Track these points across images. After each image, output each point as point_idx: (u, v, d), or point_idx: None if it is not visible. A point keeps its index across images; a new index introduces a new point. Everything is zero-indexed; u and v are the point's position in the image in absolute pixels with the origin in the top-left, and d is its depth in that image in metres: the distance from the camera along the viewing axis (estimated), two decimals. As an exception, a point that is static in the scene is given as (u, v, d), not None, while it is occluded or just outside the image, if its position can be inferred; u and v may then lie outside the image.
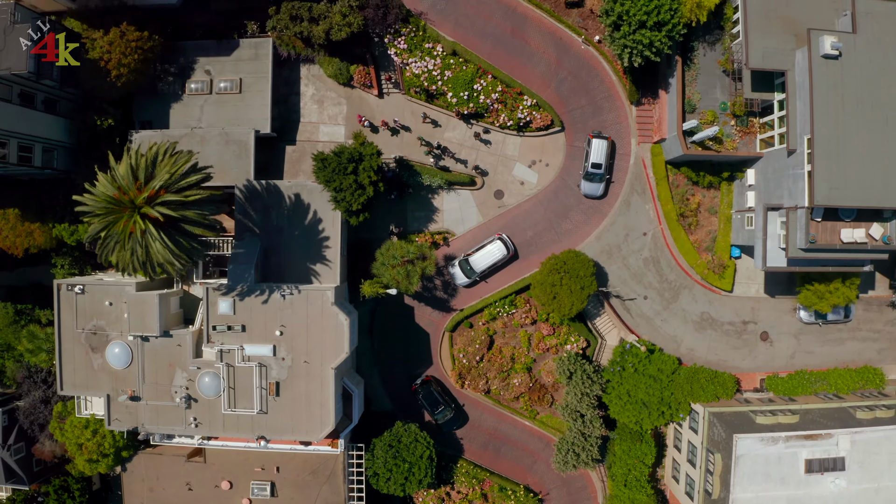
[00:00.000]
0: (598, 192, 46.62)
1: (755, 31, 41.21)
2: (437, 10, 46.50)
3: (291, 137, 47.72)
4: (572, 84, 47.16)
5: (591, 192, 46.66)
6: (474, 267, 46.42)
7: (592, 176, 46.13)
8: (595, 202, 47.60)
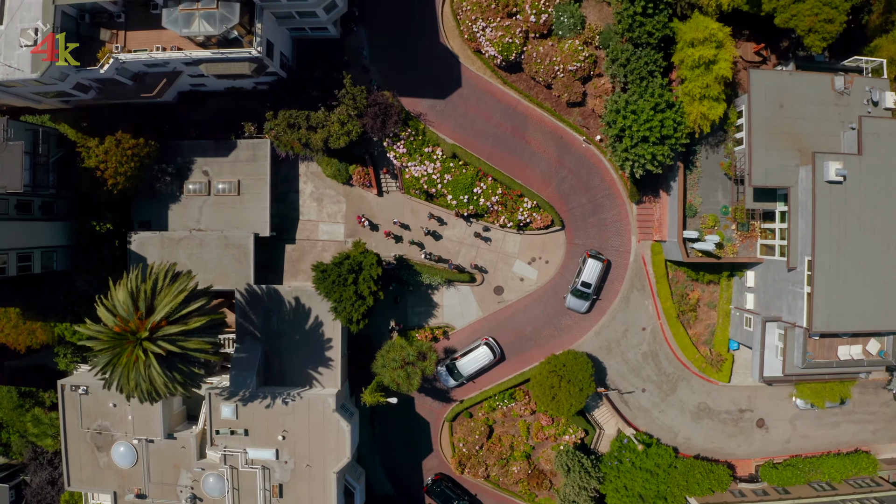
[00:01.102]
0: (582, 308, 46.79)
1: (759, 148, 40.80)
2: (436, 110, 45.87)
3: (291, 236, 47.54)
4: (573, 182, 46.81)
5: (576, 307, 46.83)
6: (461, 371, 46.88)
7: (580, 293, 46.18)
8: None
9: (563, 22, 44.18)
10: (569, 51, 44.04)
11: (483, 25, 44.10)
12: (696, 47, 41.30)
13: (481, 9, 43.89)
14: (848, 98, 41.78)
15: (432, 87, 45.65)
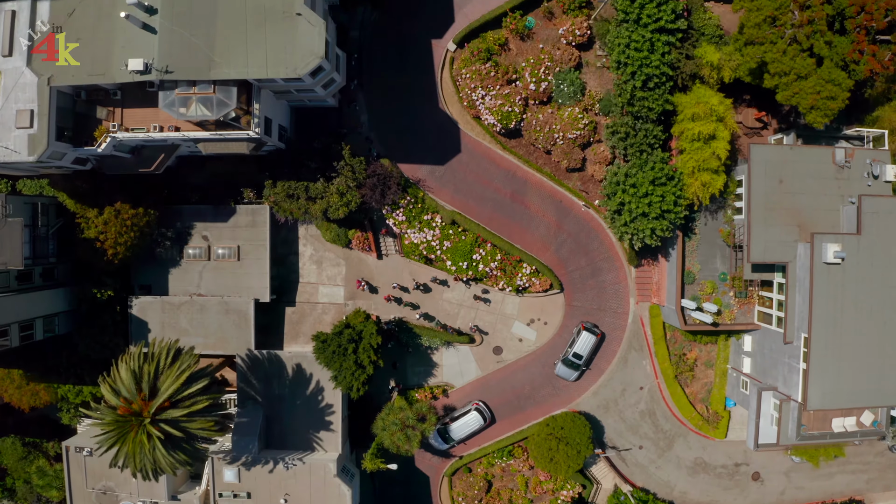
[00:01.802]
0: (571, 377, 47.14)
1: (758, 224, 40.79)
2: (435, 176, 45.74)
3: (291, 298, 47.71)
4: (572, 246, 46.85)
5: (565, 376, 47.18)
6: (452, 435, 47.43)
7: (571, 363, 46.46)
8: (595, 361, 48.05)
9: (562, 90, 43.83)
10: (568, 119, 43.78)
11: (482, 94, 43.76)
12: (696, 122, 41.13)
13: (480, 77, 43.51)
14: (848, 171, 41.65)
15: (431, 154, 45.49)
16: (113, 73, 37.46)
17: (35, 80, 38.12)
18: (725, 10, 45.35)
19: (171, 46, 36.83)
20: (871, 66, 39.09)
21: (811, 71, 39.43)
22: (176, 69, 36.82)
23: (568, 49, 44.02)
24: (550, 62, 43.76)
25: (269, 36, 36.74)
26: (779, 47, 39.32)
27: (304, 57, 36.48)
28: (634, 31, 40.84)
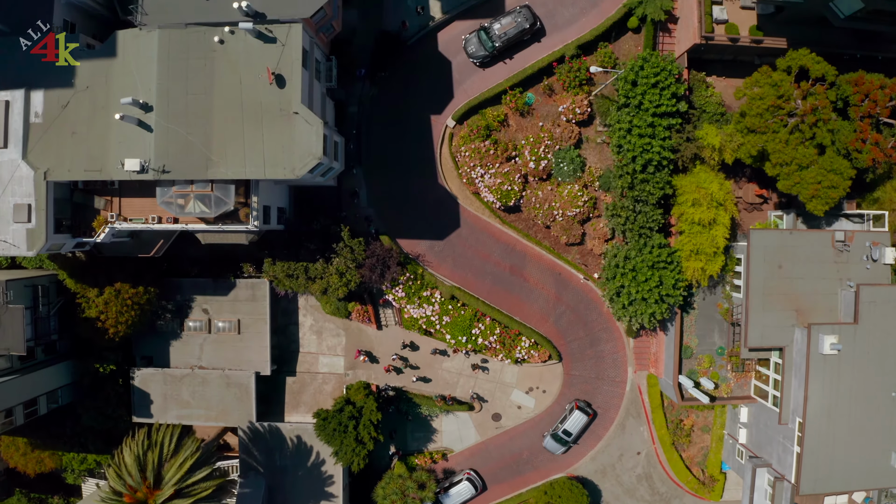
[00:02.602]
0: (558, 451, 47.60)
1: (756, 311, 40.94)
2: (434, 251, 45.72)
3: (291, 368, 48.06)
4: (571, 317, 47.05)
5: (552, 449, 47.63)
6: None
7: (559, 439, 46.87)
8: (592, 426, 48.54)
9: (562, 168, 43.59)
10: (568, 196, 43.61)
11: (481, 172, 43.54)
12: (695, 207, 41.03)
13: (479, 155, 43.22)
14: (848, 254, 41.68)
15: (431, 229, 45.41)
16: (109, 170, 37.26)
17: (31, 173, 37.98)
18: (728, 85, 44.85)
19: (168, 145, 36.57)
20: (874, 155, 38.83)
21: (813, 160, 39.22)
22: (173, 169, 36.62)
23: (568, 126, 43.65)
24: (550, 140, 43.43)
25: (267, 135, 36.46)
26: (780, 137, 39.04)
27: (302, 157, 36.24)
28: (636, 117, 40.51)
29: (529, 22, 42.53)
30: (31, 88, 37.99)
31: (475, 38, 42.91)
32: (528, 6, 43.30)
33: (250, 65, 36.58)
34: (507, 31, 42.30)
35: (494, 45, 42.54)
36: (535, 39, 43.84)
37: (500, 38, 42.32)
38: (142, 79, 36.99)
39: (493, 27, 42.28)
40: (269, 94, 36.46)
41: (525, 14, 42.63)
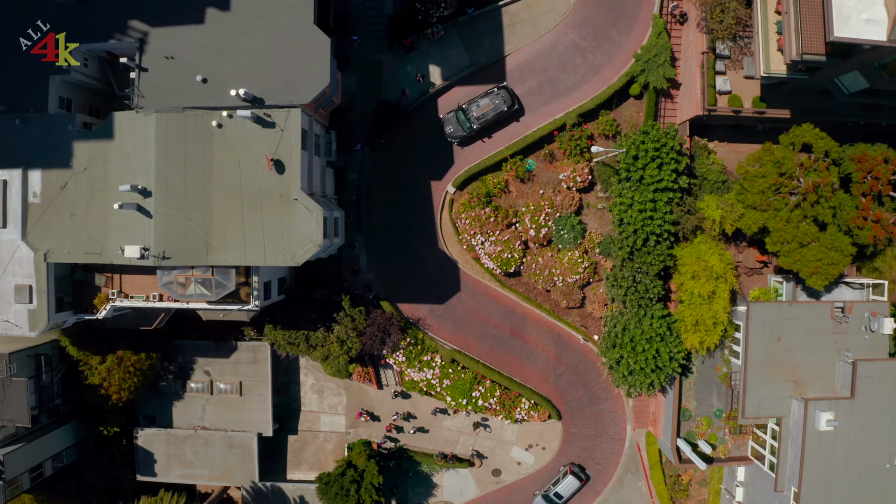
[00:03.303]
0: None
1: (754, 383, 41.15)
2: (435, 315, 45.85)
3: (293, 426, 48.51)
4: (570, 377, 47.36)
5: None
6: None
7: (550, 500, 47.31)
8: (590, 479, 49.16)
9: (563, 236, 43.52)
10: (568, 263, 43.62)
11: (482, 239, 43.49)
12: (695, 280, 41.08)
13: (480, 223, 43.13)
14: (846, 324, 41.79)
15: (431, 293, 45.51)
16: (110, 254, 37.24)
17: (31, 254, 37.95)
18: (730, 150, 44.58)
19: (168, 231, 36.50)
20: (875, 232, 38.77)
21: (814, 238, 39.15)
22: (173, 255, 36.61)
23: (569, 194, 43.50)
24: (551, 208, 43.32)
25: (267, 221, 36.36)
26: (782, 215, 38.91)
27: (303, 245, 36.17)
28: (636, 192, 40.41)
29: (507, 104, 42.33)
30: (29, 168, 37.82)
31: (454, 118, 42.77)
32: (506, 87, 42.91)
33: (249, 149, 36.36)
34: (485, 113, 42.26)
35: (472, 126, 42.53)
36: (514, 119, 43.71)
37: (477, 119, 42.27)
38: (140, 162, 36.79)
39: (471, 109, 42.18)
40: (269, 179, 36.28)
41: (503, 96, 42.32)
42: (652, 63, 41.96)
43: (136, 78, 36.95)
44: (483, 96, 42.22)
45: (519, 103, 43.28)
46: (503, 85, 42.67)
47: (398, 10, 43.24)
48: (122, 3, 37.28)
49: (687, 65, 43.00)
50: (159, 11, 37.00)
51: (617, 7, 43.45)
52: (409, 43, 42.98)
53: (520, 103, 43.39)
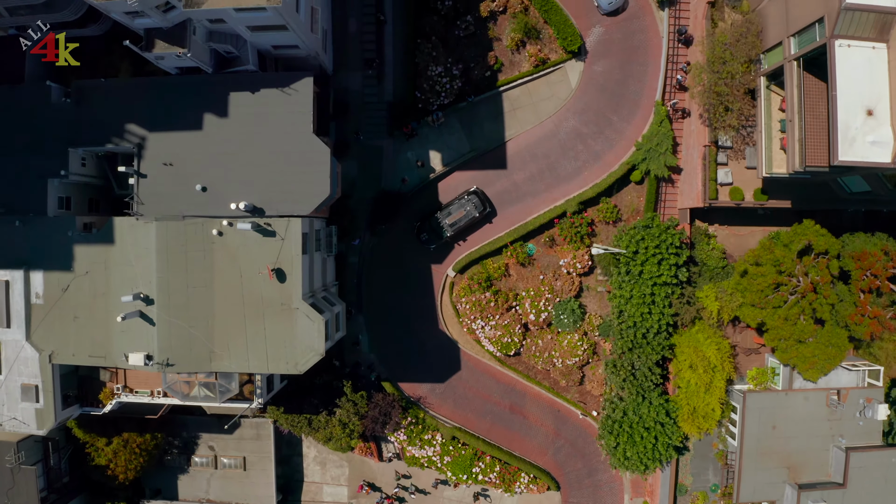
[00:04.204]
0: None
1: (749, 469, 42.01)
2: (436, 393, 46.38)
3: (296, 497, 49.38)
4: (569, 451, 48.09)
5: None
6: None
7: None
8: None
9: (562, 320, 43.81)
10: (568, 346, 44.01)
11: (482, 324, 43.80)
12: (693, 370, 41.54)
13: (480, 307, 43.39)
14: (841, 411, 42.40)
15: (432, 372, 45.98)
16: (114, 358, 37.60)
17: (36, 354, 38.33)
18: (730, 234, 44.59)
19: (171, 338, 36.78)
20: (873, 329, 39.08)
21: (812, 334, 39.48)
22: (177, 362, 36.93)
23: (569, 279, 43.67)
24: (551, 293, 43.54)
25: (269, 329, 36.63)
26: (780, 314, 39.14)
27: (305, 353, 36.52)
28: (635, 286, 40.63)
29: (479, 209, 42.51)
30: (31, 269, 37.98)
31: (427, 225, 43.08)
32: (476, 192, 42.79)
33: (250, 257, 36.45)
34: (458, 220, 42.56)
35: (445, 234, 42.87)
36: (487, 221, 43.90)
37: (450, 227, 42.64)
38: (141, 270, 36.89)
39: (444, 219, 42.44)
40: (270, 288, 36.44)
41: (474, 202, 42.37)
42: (653, 152, 41.77)
43: (136, 184, 36.89)
44: (454, 203, 42.42)
45: (491, 206, 43.57)
46: (473, 190, 42.76)
47: (398, 97, 42.79)
48: (119, 106, 37.05)
49: (688, 152, 42.79)
50: (157, 117, 36.79)
51: (618, 93, 43.02)
52: (409, 130, 42.67)
53: (492, 206, 43.64)
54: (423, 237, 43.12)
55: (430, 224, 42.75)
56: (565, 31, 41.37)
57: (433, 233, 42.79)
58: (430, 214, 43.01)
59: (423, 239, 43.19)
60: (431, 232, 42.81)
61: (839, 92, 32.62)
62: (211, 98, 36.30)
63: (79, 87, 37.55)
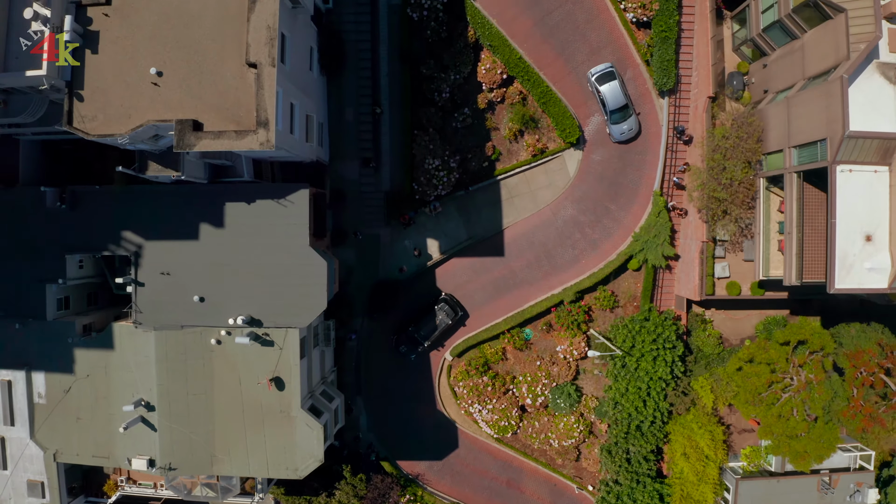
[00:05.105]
0: None
1: (740, 555, 42.96)
2: (434, 470, 47.13)
3: (299, 561, 50.79)
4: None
5: None
6: None
7: None
8: None
9: (559, 404, 44.26)
10: (564, 428, 44.55)
11: (479, 408, 44.30)
12: (686, 460, 42.16)
13: (477, 392, 43.81)
14: (832, 496, 43.17)
15: (430, 451, 46.65)
16: (118, 460, 38.34)
17: (41, 453, 39.00)
18: (727, 318, 44.70)
19: (172, 443, 37.39)
20: (865, 424, 39.59)
21: (804, 430, 39.95)
22: (179, 465, 37.63)
23: (565, 364, 43.99)
24: (547, 378, 43.91)
25: (268, 435, 37.20)
26: (773, 411, 39.60)
27: (304, 459, 37.17)
28: (631, 381, 41.00)
29: (451, 317, 43.14)
30: (32, 369, 38.45)
31: (405, 337, 43.69)
32: (446, 299, 43.18)
33: (248, 366, 36.84)
34: (432, 331, 43.23)
35: (423, 344, 43.50)
36: (461, 324, 44.39)
37: (426, 337, 43.26)
38: (141, 376, 37.33)
39: (420, 330, 43.09)
40: (269, 395, 36.90)
41: (446, 310, 43.00)
42: (651, 243, 41.66)
43: (134, 293, 36.99)
44: (427, 315, 43.07)
45: (462, 309, 44.04)
46: (444, 297, 43.25)
47: (395, 186, 42.51)
48: (114, 214, 36.89)
49: (686, 241, 42.64)
50: (152, 225, 36.66)
51: (616, 182, 42.68)
52: (406, 220, 42.52)
53: (463, 309, 44.08)
54: (402, 349, 43.94)
55: (406, 336, 43.56)
56: (564, 122, 40.88)
57: (411, 344, 43.65)
58: (405, 326, 43.74)
59: (403, 351, 44.03)
60: (409, 343, 43.66)
61: (838, 220, 32.47)
62: (206, 208, 36.15)
63: (73, 192, 37.35)
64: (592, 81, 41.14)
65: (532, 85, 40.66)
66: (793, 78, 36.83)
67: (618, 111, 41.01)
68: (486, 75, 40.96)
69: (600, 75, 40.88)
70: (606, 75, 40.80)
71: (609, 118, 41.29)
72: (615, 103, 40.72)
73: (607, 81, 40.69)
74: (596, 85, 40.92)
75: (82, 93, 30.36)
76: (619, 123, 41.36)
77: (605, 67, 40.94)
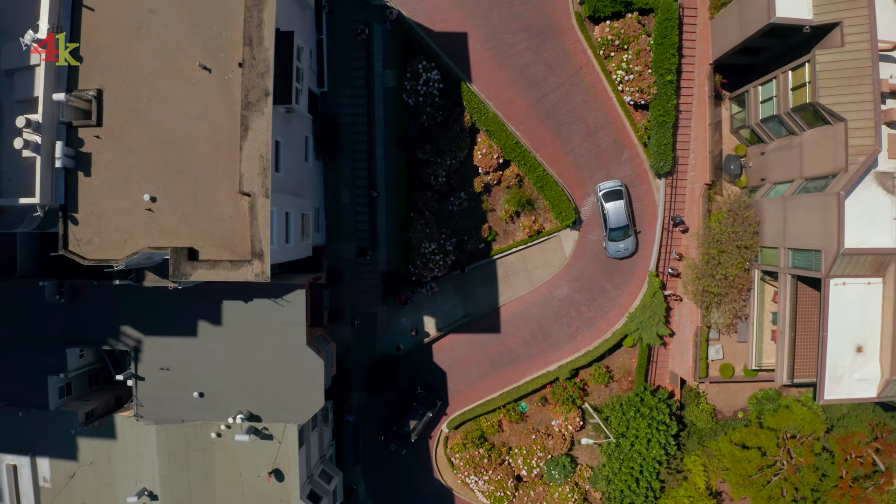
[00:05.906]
0: None
1: None
2: (432, 535, 48.34)
3: None
4: (559, 576, 50.46)
5: None
6: None
7: None
8: None
9: (554, 475, 45.06)
10: (559, 498, 45.42)
11: (476, 479, 45.12)
12: (679, 533, 43.14)
13: (474, 463, 44.57)
14: (820, 564, 44.21)
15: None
16: (123, 535, 39.30)
17: (50, 539, 39.97)
18: (720, 391, 45.09)
19: (176, 531, 38.32)
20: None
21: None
22: (182, 552, 38.60)
23: (560, 436, 44.64)
24: (542, 451, 44.61)
25: (269, 524, 38.07)
26: (763, 494, 40.37)
27: (304, 548, 38.07)
28: (624, 462, 41.70)
29: (431, 409, 43.97)
30: (36, 455, 39.22)
31: (392, 436, 44.47)
32: (419, 394, 43.83)
33: (248, 458, 37.52)
34: (415, 426, 44.09)
35: (411, 440, 44.37)
36: (442, 413, 45.18)
37: (411, 433, 44.16)
38: (144, 466, 38.05)
39: (404, 427, 43.95)
40: (269, 486, 37.65)
41: (425, 404, 43.86)
42: (646, 323, 41.94)
43: (134, 387, 37.47)
44: (407, 413, 44.00)
45: (439, 398, 44.72)
46: (419, 392, 43.98)
47: (392, 266, 42.65)
48: (113, 308, 37.13)
49: (681, 321, 42.91)
50: (151, 321, 36.89)
51: (612, 261, 42.76)
52: (403, 300, 42.76)
53: (439, 398, 44.77)
54: (392, 447, 44.86)
55: (393, 435, 44.48)
56: (560, 205, 40.82)
57: (399, 440, 44.50)
58: (391, 426, 44.55)
59: (393, 448, 44.94)
60: (397, 440, 44.53)
61: (830, 332, 32.69)
62: (204, 306, 36.33)
63: (72, 286, 37.53)
64: (599, 196, 41.30)
65: (529, 169, 40.53)
66: (790, 174, 36.67)
67: (618, 230, 41.26)
68: (483, 160, 40.79)
69: (607, 192, 41.08)
70: (614, 193, 40.96)
71: (608, 234, 41.53)
72: (617, 223, 41.10)
73: (613, 199, 40.90)
74: (602, 201, 41.08)
75: (76, 216, 30.39)
76: (616, 241, 41.71)
77: (614, 185, 41.07)
